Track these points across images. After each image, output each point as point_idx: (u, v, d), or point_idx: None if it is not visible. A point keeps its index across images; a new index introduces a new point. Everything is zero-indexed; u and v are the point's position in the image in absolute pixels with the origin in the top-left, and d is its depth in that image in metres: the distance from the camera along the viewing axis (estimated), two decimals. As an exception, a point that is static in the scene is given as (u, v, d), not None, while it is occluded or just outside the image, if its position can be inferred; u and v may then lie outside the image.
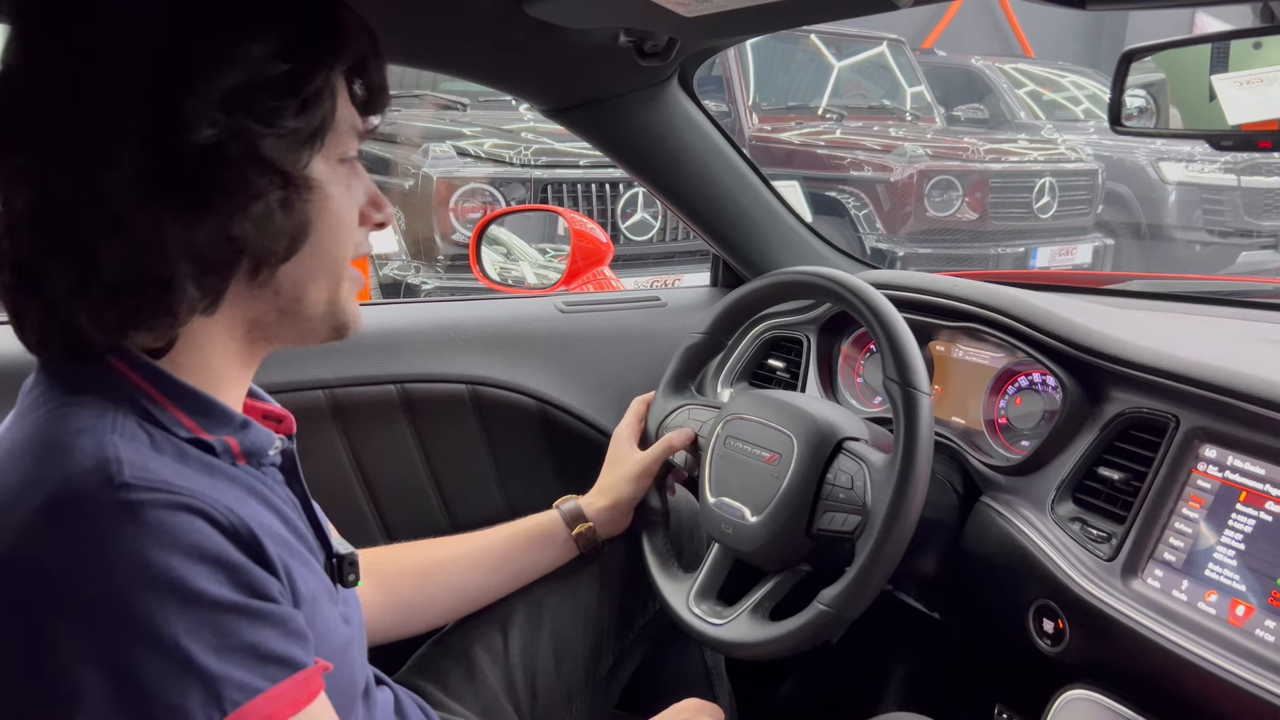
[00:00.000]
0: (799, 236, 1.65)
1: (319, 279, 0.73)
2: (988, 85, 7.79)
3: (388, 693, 0.93)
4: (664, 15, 1.04)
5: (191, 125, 0.62)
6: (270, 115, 0.65)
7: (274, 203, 0.67)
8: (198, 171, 0.64)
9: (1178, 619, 0.96)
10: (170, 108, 0.62)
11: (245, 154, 0.65)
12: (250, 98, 0.64)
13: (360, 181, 0.76)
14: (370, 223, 0.78)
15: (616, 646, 1.23)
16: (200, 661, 0.60)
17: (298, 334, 0.76)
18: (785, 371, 1.52)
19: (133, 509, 0.61)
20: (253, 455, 0.73)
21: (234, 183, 0.65)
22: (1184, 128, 1.27)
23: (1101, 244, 6.34)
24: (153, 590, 0.59)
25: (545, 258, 2.22)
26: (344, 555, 0.81)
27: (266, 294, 0.72)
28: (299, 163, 0.68)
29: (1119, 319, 1.23)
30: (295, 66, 0.66)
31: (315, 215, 0.70)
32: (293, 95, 0.66)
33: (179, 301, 0.66)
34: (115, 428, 0.65)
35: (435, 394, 1.46)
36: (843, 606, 1.04)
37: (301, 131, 0.67)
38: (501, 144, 4.43)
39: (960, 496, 1.21)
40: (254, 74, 0.64)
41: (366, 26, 0.73)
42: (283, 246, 0.69)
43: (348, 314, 0.77)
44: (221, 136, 0.63)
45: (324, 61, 0.69)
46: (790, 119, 6.21)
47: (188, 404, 0.69)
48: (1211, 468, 1.01)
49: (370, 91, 0.75)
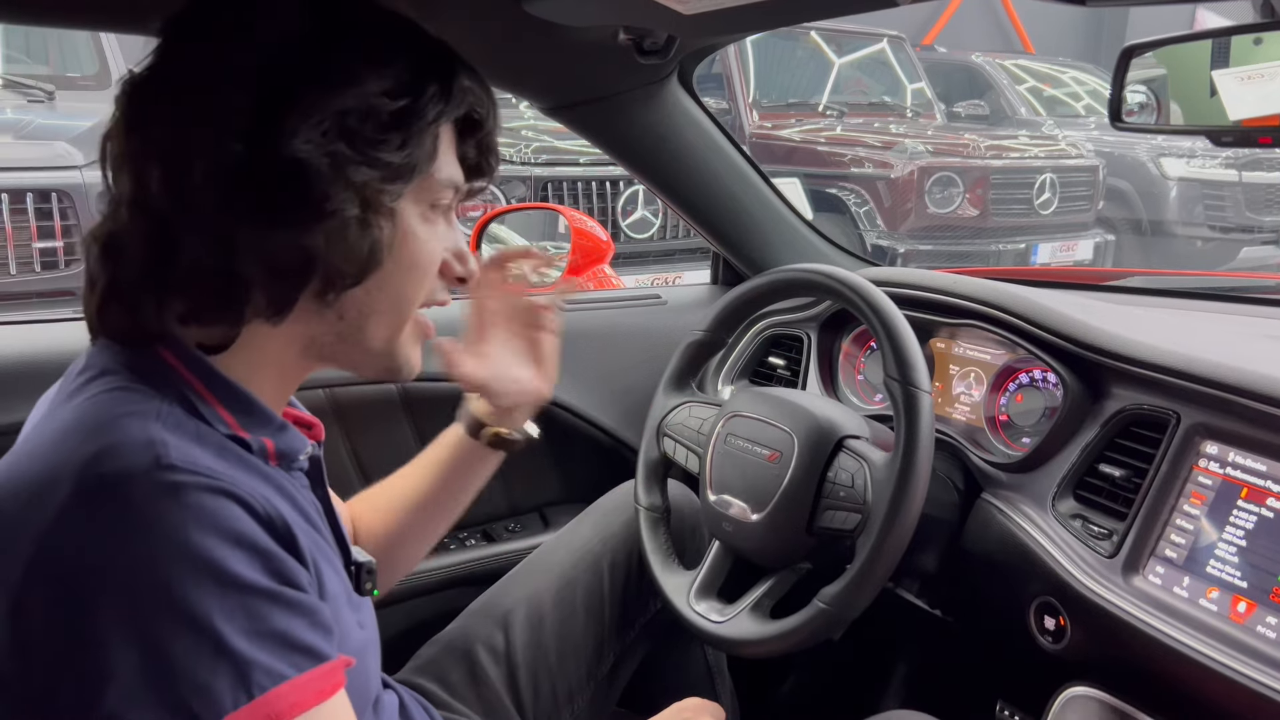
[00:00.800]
0: (799, 234, 1.65)
1: (384, 313, 0.75)
2: (988, 81, 7.78)
3: (393, 695, 0.94)
4: (663, 13, 1.04)
5: (288, 139, 0.65)
6: (367, 147, 0.68)
7: (351, 221, 0.69)
8: (284, 181, 0.66)
9: (1179, 615, 0.96)
10: (273, 118, 0.65)
11: (332, 173, 0.67)
12: (352, 127, 0.67)
13: (450, 233, 0.79)
14: (451, 275, 0.80)
15: (618, 645, 1.23)
16: (232, 643, 0.60)
17: (351, 363, 0.78)
18: (786, 369, 1.52)
19: (175, 490, 0.62)
20: (285, 458, 0.75)
21: (315, 197, 0.67)
22: (1185, 123, 1.26)
23: (1102, 240, 6.34)
24: (190, 570, 0.60)
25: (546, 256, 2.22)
26: (362, 563, 0.82)
27: (331, 316, 0.73)
28: (385, 194, 0.70)
29: (1120, 315, 1.23)
30: (404, 107, 0.69)
31: (391, 246, 0.72)
32: (393, 133, 0.69)
33: (245, 304, 0.69)
34: (161, 415, 0.66)
35: (435, 393, 1.46)
36: (843, 605, 1.04)
37: (394, 168, 0.70)
38: (501, 142, 4.43)
39: (961, 494, 1.21)
40: (361, 105, 0.68)
41: (486, 87, 0.76)
42: (354, 269, 0.70)
43: (403, 357, 0.79)
44: (314, 154, 0.66)
45: (432, 108, 0.71)
46: (790, 116, 6.20)
47: (231, 401, 0.71)
48: (1213, 464, 1.01)
49: (480, 152, 0.78)
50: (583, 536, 1.28)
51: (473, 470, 1.10)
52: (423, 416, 1.47)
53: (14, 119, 4.02)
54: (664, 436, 1.28)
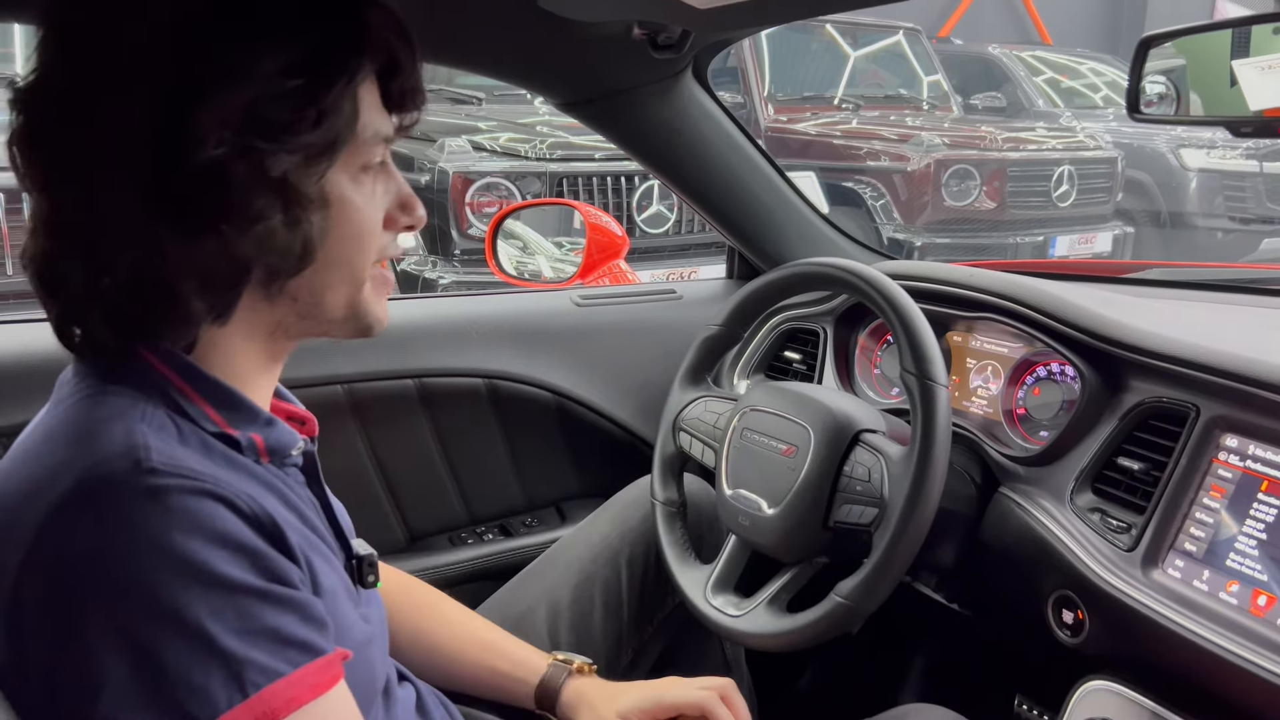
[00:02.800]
0: (815, 228, 1.65)
1: (337, 286, 0.72)
2: (1005, 73, 7.72)
3: (410, 689, 0.94)
4: (677, 7, 1.04)
5: (199, 141, 0.62)
6: (281, 132, 0.64)
7: (276, 223, 0.66)
8: (201, 190, 0.63)
9: (1199, 609, 0.96)
10: (180, 121, 0.62)
11: (250, 174, 0.64)
12: (261, 114, 0.63)
13: (388, 185, 0.75)
14: (398, 226, 0.76)
15: (636, 639, 1.24)
16: (222, 643, 0.61)
17: (321, 331, 0.76)
18: (802, 363, 1.52)
19: (159, 494, 0.62)
20: (276, 453, 0.74)
21: (235, 204, 0.64)
22: (1204, 114, 1.26)
23: (1121, 232, 6.28)
24: (177, 573, 0.60)
25: (561, 251, 2.22)
26: (363, 556, 0.82)
27: (284, 301, 0.71)
28: (311, 179, 0.67)
29: (1138, 308, 1.23)
30: (310, 80, 0.65)
31: (328, 229, 0.69)
32: (307, 110, 0.65)
33: (185, 312, 0.67)
34: (144, 417, 0.66)
35: (452, 388, 1.47)
36: (860, 599, 1.04)
37: (314, 147, 0.66)
38: (517, 138, 4.43)
39: (978, 487, 1.21)
40: (265, 90, 0.63)
41: (398, 25, 0.71)
42: (291, 263, 0.68)
43: (371, 315, 0.76)
44: (228, 155, 0.63)
45: (343, 74, 0.67)
46: (806, 110, 6.17)
47: (215, 397, 0.70)
48: (1233, 457, 1.00)
49: (403, 94, 0.73)
50: (600, 531, 1.28)
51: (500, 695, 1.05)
52: (440, 411, 1.48)
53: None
54: (680, 431, 1.28)
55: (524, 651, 1.07)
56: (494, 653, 1.06)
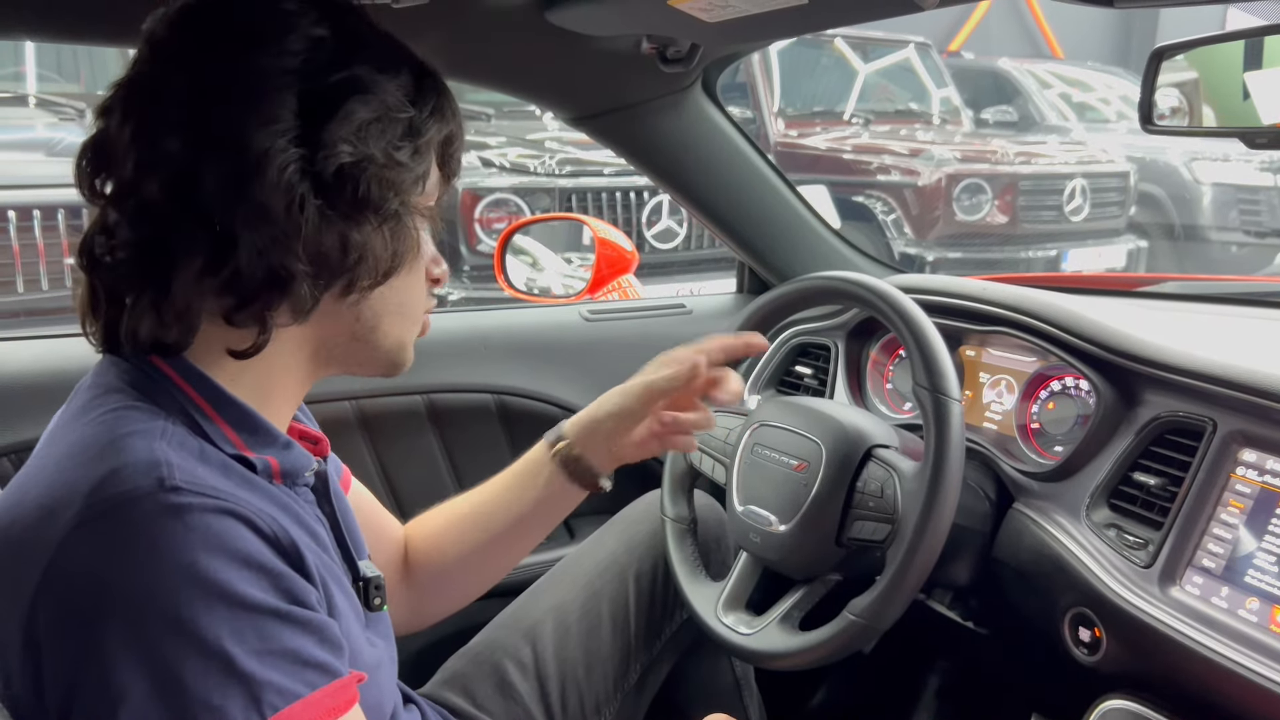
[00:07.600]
0: (825, 242, 1.64)
1: (395, 315, 0.78)
2: (1016, 87, 7.72)
3: (415, 713, 0.93)
4: (686, 21, 1.04)
5: (336, 142, 0.68)
6: (393, 151, 0.72)
7: (393, 218, 0.73)
8: (336, 181, 0.69)
9: (1218, 626, 0.94)
10: (317, 122, 0.68)
11: (376, 175, 0.71)
12: (378, 133, 0.71)
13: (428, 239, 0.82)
14: (431, 278, 0.83)
15: (645, 656, 1.23)
16: (242, 664, 0.61)
17: (358, 362, 0.80)
18: (813, 378, 1.51)
19: (181, 512, 0.62)
20: (289, 475, 0.75)
21: (368, 194, 0.70)
22: (1217, 126, 1.25)
23: (1135, 246, 6.26)
24: (198, 592, 0.61)
25: (570, 266, 2.22)
26: (370, 578, 0.82)
27: (348, 316, 0.75)
28: (406, 202, 0.74)
29: (1153, 321, 1.21)
30: (413, 117, 0.73)
31: (406, 254, 0.75)
32: (408, 141, 0.73)
33: (290, 297, 0.69)
34: (164, 434, 0.66)
35: (461, 404, 1.47)
36: (874, 616, 1.03)
37: (413, 171, 0.74)
38: (526, 154, 4.45)
39: (993, 503, 1.19)
40: (381, 113, 0.71)
41: (456, 107, 0.80)
42: (381, 270, 0.73)
43: (406, 356, 0.82)
44: (358, 156, 0.69)
45: (433, 121, 0.75)
46: (816, 124, 6.18)
47: (236, 420, 0.71)
48: (1250, 471, 0.99)
49: (453, 160, 0.82)
50: (608, 547, 1.28)
51: (558, 502, 1.09)
52: (449, 426, 1.47)
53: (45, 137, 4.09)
54: (690, 446, 1.27)
55: (519, 463, 1.10)
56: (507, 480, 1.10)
